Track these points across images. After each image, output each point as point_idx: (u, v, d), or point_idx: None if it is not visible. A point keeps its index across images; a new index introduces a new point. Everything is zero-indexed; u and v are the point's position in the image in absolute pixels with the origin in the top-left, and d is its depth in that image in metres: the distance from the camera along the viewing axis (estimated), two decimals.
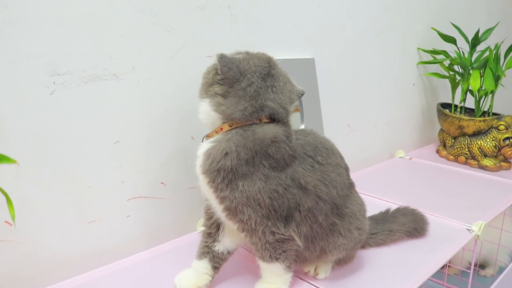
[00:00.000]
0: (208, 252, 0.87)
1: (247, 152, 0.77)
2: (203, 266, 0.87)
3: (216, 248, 0.87)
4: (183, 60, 1.03)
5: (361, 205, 0.93)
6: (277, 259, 0.81)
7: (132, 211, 1.01)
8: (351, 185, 0.91)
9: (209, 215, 0.88)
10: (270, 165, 0.78)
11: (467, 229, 1.14)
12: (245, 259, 1.00)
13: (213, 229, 0.88)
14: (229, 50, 1.10)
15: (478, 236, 1.12)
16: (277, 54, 1.23)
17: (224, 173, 0.77)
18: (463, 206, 1.29)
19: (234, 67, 0.79)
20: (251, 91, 0.79)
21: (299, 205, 0.80)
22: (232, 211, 0.79)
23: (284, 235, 0.80)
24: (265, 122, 0.81)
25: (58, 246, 0.92)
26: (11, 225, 0.85)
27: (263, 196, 0.76)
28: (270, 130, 0.79)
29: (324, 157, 0.84)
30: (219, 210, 0.81)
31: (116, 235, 1.00)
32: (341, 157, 0.90)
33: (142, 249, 1.03)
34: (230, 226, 0.85)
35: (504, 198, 1.36)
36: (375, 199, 1.32)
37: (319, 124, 1.33)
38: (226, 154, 0.77)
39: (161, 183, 1.05)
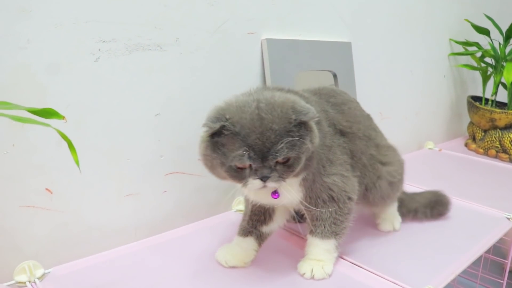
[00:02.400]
0: (254, 232, 0.87)
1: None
2: (250, 243, 0.86)
3: (263, 230, 0.87)
4: (225, 35, 1.01)
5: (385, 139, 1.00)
6: (336, 235, 0.82)
7: (169, 187, 1.00)
8: (368, 117, 0.97)
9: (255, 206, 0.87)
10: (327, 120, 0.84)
11: (507, 218, 1.11)
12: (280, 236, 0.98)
13: (263, 215, 0.87)
14: (268, 28, 1.09)
15: None
16: (315, 36, 1.21)
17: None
18: (500, 196, 1.26)
19: None
20: None
21: (352, 152, 0.86)
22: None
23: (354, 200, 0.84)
24: None
25: (95, 217, 0.91)
26: (52, 193, 0.84)
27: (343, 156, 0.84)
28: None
29: (333, 96, 0.90)
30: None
31: (152, 210, 0.99)
32: (345, 93, 0.95)
33: (177, 225, 1.01)
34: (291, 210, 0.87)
35: None
36: (408, 186, 1.29)
37: None
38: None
39: (199, 159, 1.03)
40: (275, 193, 0.76)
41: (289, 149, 0.68)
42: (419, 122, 1.74)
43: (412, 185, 1.29)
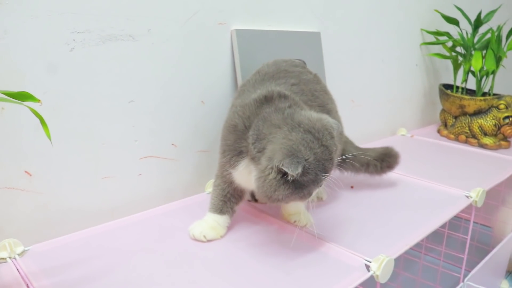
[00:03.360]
0: (229, 210, 0.95)
1: None
2: (226, 220, 0.95)
3: (235, 208, 0.96)
4: (196, 25, 1.07)
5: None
6: None
7: (144, 170, 1.06)
8: (316, 78, 1.04)
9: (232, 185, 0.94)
10: None
11: (466, 196, 1.18)
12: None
13: (239, 197, 0.96)
14: (238, 18, 1.15)
15: (476, 202, 1.16)
16: (284, 26, 1.27)
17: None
18: (462, 177, 1.33)
19: None
20: None
21: None
22: None
23: None
24: None
25: (73, 198, 0.96)
26: (31, 175, 0.89)
27: None
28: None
29: (290, 77, 0.97)
30: None
31: (128, 192, 1.04)
32: (292, 64, 1.02)
33: (152, 206, 1.06)
34: None
35: (503, 170, 1.40)
36: None
37: None
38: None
39: (172, 144, 1.09)
40: None
41: None
42: (393, 109, 1.81)
43: None
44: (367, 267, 0.84)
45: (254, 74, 1.01)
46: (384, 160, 1.18)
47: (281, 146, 0.76)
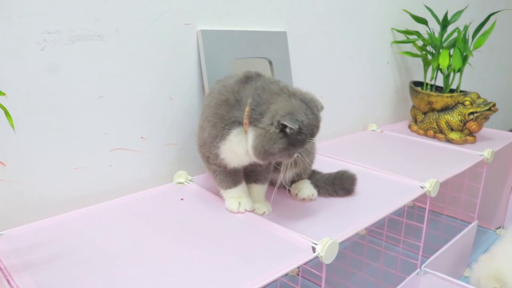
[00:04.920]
0: (239, 180, 1.06)
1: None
2: (243, 190, 1.07)
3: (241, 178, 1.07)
4: (163, 26, 1.14)
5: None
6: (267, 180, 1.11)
7: (114, 161, 1.13)
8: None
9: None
10: None
11: (421, 187, 1.25)
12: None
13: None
14: (204, 19, 1.22)
15: (429, 191, 1.24)
16: (250, 26, 1.34)
17: None
18: (422, 169, 1.40)
19: None
20: None
21: None
22: None
23: None
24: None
25: (47, 187, 1.03)
26: (5, 165, 0.96)
27: None
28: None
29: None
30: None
31: (99, 182, 1.11)
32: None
33: (122, 195, 1.13)
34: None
35: (463, 163, 1.47)
36: (341, 162, 1.43)
37: None
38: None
39: (141, 137, 1.16)
40: None
41: None
42: (364, 105, 1.88)
43: (344, 161, 1.44)
44: (313, 249, 0.91)
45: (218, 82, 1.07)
46: (343, 178, 1.21)
47: (283, 106, 0.90)
